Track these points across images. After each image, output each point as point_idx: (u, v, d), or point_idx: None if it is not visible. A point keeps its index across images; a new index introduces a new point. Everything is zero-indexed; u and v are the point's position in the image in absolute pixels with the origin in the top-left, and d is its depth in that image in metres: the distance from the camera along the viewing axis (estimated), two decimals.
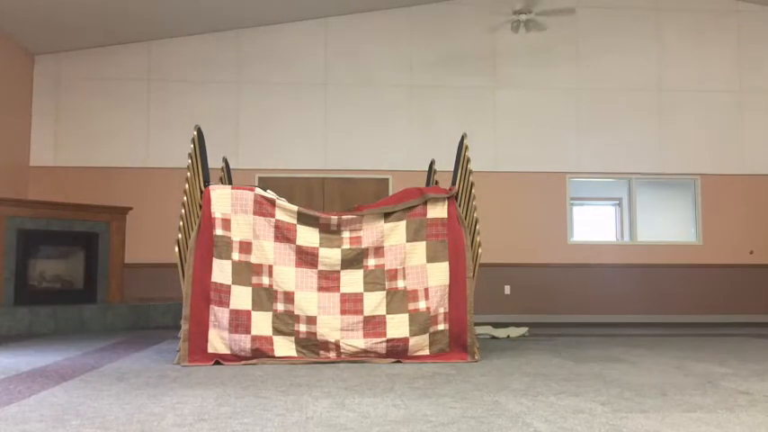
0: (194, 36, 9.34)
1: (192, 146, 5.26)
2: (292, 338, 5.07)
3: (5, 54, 8.47)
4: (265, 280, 5.11)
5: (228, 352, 4.97)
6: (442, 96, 9.52)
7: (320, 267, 5.21)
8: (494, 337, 7.05)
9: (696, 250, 9.56)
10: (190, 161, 5.20)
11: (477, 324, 6.39)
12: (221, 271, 5.06)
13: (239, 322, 4.99)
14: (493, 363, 5.03)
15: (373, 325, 5.11)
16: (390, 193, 8.57)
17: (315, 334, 5.07)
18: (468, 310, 5.19)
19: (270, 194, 5.33)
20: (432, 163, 6.50)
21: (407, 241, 5.31)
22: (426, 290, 5.21)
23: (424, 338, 5.14)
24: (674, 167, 9.64)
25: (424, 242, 5.30)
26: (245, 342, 4.97)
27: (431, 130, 9.30)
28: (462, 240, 5.30)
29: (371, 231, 5.32)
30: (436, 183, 6.22)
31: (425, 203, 5.38)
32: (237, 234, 5.15)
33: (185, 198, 5.12)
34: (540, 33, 9.02)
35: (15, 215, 7.53)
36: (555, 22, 9.09)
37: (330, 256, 5.23)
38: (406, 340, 5.10)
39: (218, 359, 4.94)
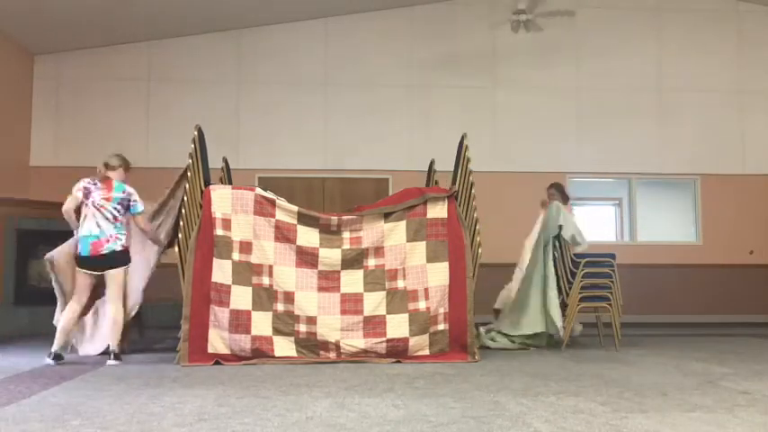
0: (194, 36, 9.33)
1: (193, 146, 5.26)
2: (292, 338, 5.07)
3: (5, 54, 8.46)
4: (266, 280, 5.11)
5: (228, 352, 4.97)
6: (442, 96, 9.51)
7: (320, 267, 5.21)
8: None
9: (696, 250, 9.55)
10: (190, 161, 5.20)
11: (484, 324, 6.33)
12: (221, 271, 5.06)
13: (239, 322, 4.99)
14: (493, 363, 5.03)
15: (373, 325, 5.11)
16: (390, 193, 8.56)
17: (315, 334, 5.07)
18: (468, 310, 5.19)
19: (270, 195, 5.33)
20: (431, 163, 6.50)
21: (407, 241, 5.31)
22: (426, 290, 5.21)
23: (424, 338, 5.14)
24: (674, 167, 9.63)
25: (424, 242, 5.30)
26: (245, 342, 4.97)
27: (431, 130, 9.29)
28: (462, 240, 5.30)
29: (371, 231, 5.32)
30: (436, 182, 6.22)
31: (425, 203, 5.39)
32: (238, 234, 5.15)
33: (185, 198, 5.12)
34: (540, 33, 9.01)
35: (15, 215, 7.53)
36: (555, 22, 9.09)
37: (330, 257, 5.23)
38: (406, 340, 5.10)
39: (218, 359, 4.94)
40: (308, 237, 5.24)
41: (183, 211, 5.08)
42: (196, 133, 5.31)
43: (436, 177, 6.36)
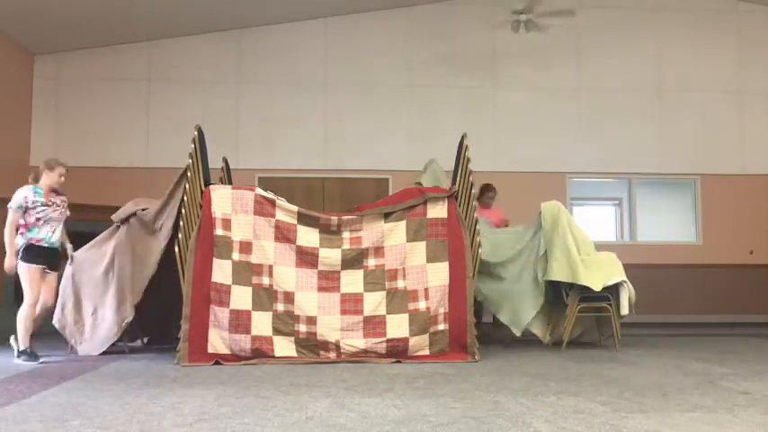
0: (194, 36, 9.32)
1: (193, 146, 5.26)
2: (292, 338, 5.07)
3: (5, 54, 8.45)
4: (266, 280, 5.12)
5: (228, 352, 4.97)
6: (442, 96, 9.50)
7: (320, 267, 5.21)
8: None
9: (696, 250, 9.54)
10: (190, 161, 5.20)
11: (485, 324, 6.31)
12: (221, 271, 5.06)
13: (239, 322, 4.99)
14: (493, 363, 5.03)
15: (373, 325, 5.12)
16: (390, 193, 8.56)
17: (315, 334, 5.07)
18: (468, 310, 5.20)
19: (270, 195, 5.33)
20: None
21: (407, 241, 5.31)
22: (426, 290, 5.21)
23: (424, 338, 5.14)
24: (674, 167, 9.62)
25: (424, 242, 5.30)
26: (245, 342, 4.97)
27: (431, 131, 9.28)
28: (462, 240, 5.30)
29: (371, 231, 5.32)
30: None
31: (425, 203, 5.39)
32: (238, 234, 5.15)
33: (185, 198, 5.12)
34: (540, 33, 9.00)
35: None
36: (555, 22, 9.09)
37: (330, 257, 5.23)
38: (405, 340, 5.10)
39: (218, 359, 4.94)
40: (308, 237, 5.24)
41: (183, 211, 5.08)
42: (196, 133, 5.31)
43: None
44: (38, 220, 5.12)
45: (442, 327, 5.17)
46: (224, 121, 9.18)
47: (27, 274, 5.10)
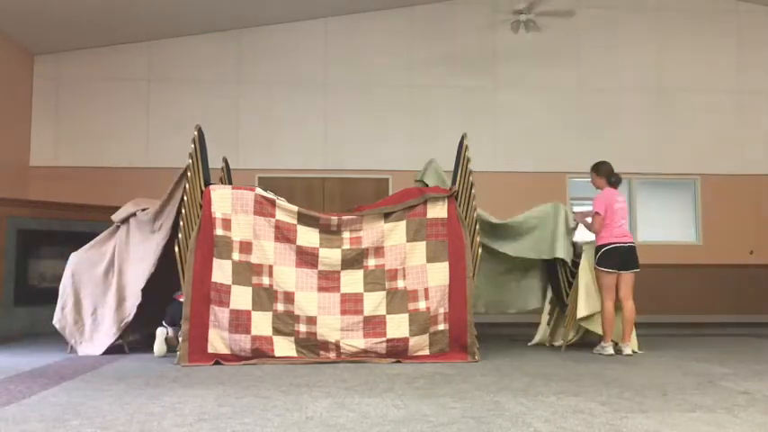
0: (195, 36, 9.32)
1: (193, 146, 5.26)
2: (292, 338, 5.07)
3: (5, 54, 8.46)
4: (266, 280, 5.12)
5: (228, 352, 4.97)
6: (442, 96, 9.51)
7: (320, 267, 5.21)
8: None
9: (696, 250, 9.55)
10: (190, 161, 5.20)
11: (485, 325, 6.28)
12: (221, 271, 5.06)
13: (239, 322, 4.99)
14: (493, 363, 5.03)
15: (373, 325, 5.12)
16: (390, 193, 8.56)
17: (315, 334, 5.07)
18: (468, 311, 5.20)
19: (270, 195, 5.34)
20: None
21: (407, 241, 5.31)
22: (426, 290, 5.21)
23: (424, 338, 5.14)
24: (674, 167, 9.63)
25: (424, 242, 5.30)
26: (245, 342, 4.97)
27: (431, 131, 9.28)
28: (462, 240, 5.30)
29: (371, 231, 5.32)
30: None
31: (425, 203, 5.39)
32: (238, 234, 5.15)
33: (185, 198, 5.12)
34: (540, 33, 9.01)
35: (15, 215, 7.53)
36: (555, 22, 9.09)
37: (330, 257, 5.23)
38: (405, 340, 5.10)
39: (218, 359, 4.94)
40: (308, 237, 5.24)
41: (183, 211, 5.08)
42: (196, 133, 5.31)
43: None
44: None
45: (442, 327, 5.17)
46: (224, 121, 9.18)
47: None
